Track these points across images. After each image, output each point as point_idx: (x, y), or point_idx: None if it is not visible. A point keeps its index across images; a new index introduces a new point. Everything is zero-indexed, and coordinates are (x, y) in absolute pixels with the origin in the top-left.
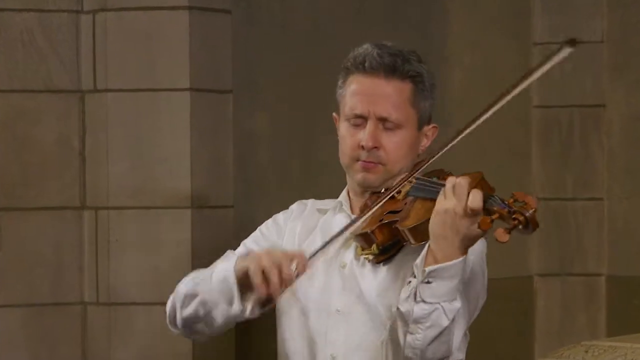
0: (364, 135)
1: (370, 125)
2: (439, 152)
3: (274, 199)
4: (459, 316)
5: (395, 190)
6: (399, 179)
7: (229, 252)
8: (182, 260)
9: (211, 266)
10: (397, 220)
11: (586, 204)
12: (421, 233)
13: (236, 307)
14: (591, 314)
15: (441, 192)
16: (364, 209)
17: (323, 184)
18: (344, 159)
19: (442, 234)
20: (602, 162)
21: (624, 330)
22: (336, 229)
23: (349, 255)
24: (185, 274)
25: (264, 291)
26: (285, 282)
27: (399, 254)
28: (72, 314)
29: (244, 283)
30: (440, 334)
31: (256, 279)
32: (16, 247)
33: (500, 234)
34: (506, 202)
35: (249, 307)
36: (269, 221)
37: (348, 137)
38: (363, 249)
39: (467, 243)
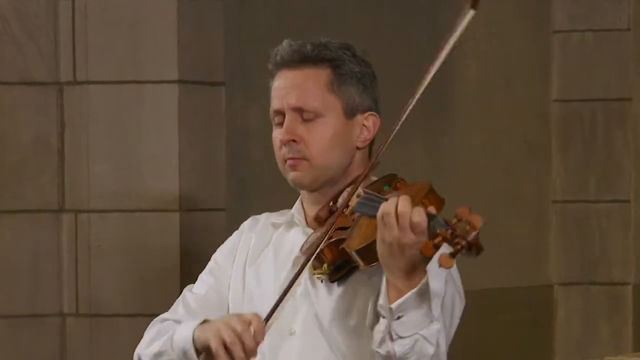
0: (281, 130)
1: (287, 118)
2: (382, 149)
3: (270, 201)
4: (441, 336)
5: (344, 205)
6: (345, 192)
7: (185, 291)
8: (170, 268)
9: (173, 311)
10: (344, 239)
11: (610, 206)
12: (369, 254)
13: None
14: (616, 326)
15: (379, 219)
16: (316, 222)
17: None
18: (279, 164)
19: (391, 263)
20: (627, 161)
21: None
22: (290, 247)
23: (303, 274)
24: (173, 283)
25: None
26: (249, 354)
27: (354, 271)
28: (49, 327)
29: (203, 354)
30: None
31: (220, 355)
32: None
33: (444, 260)
34: (450, 224)
35: None
36: (222, 246)
37: (275, 139)
38: (315, 268)
39: (419, 267)
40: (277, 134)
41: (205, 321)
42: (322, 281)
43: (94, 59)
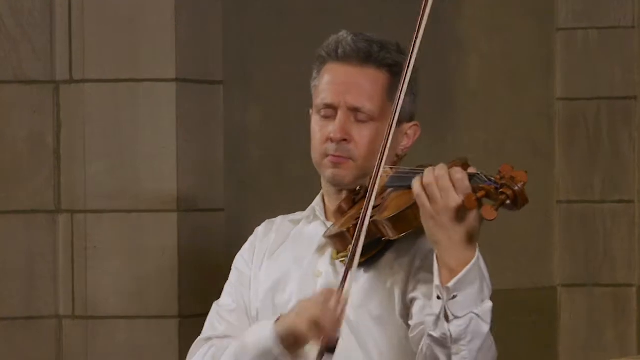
0: (333, 128)
1: (340, 115)
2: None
3: (269, 201)
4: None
5: (373, 186)
6: (374, 172)
7: (216, 307)
8: (168, 269)
9: (212, 330)
10: (374, 216)
11: (615, 207)
12: (401, 222)
13: None
14: (621, 328)
15: (419, 194)
16: (339, 213)
17: (321, 183)
18: (314, 156)
19: (443, 238)
20: (633, 161)
21: None
22: (309, 238)
23: (324, 262)
24: (170, 285)
25: (326, 341)
26: (338, 323)
27: (380, 257)
28: (45, 329)
29: (288, 347)
30: (484, 340)
31: (311, 333)
32: None
33: (487, 211)
34: (492, 179)
35: None
36: (238, 255)
37: (318, 131)
38: (338, 252)
39: (471, 236)
40: (323, 128)
41: (278, 318)
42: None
43: (91, 57)
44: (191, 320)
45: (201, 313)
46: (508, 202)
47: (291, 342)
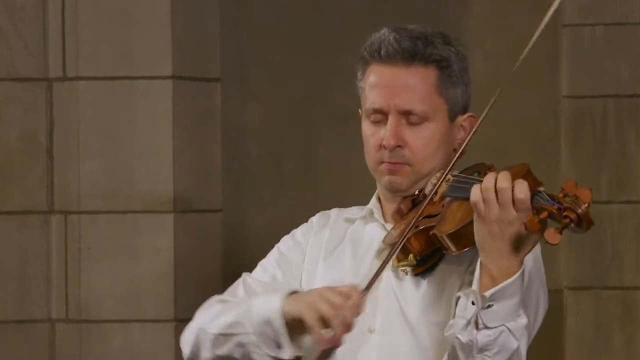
0: (385, 133)
1: (391, 121)
2: (466, 139)
3: (267, 202)
4: (525, 332)
5: (432, 193)
6: (434, 178)
7: (245, 276)
8: (164, 271)
9: (231, 294)
10: (434, 226)
11: (623, 207)
12: (462, 239)
13: (288, 352)
14: (628, 332)
15: (477, 197)
16: (397, 215)
17: (323, 185)
18: (368, 162)
19: (491, 246)
20: None
21: None
22: (368, 241)
23: (387, 267)
24: (167, 288)
25: (327, 344)
26: (348, 328)
27: (440, 263)
28: (38, 333)
29: (291, 327)
30: (511, 356)
31: (316, 329)
32: None
33: (551, 234)
34: (555, 198)
35: (301, 352)
36: (287, 238)
37: (370, 137)
38: (399, 260)
39: (521, 250)
40: (375, 134)
41: (293, 292)
42: (407, 273)
43: (85, 54)
44: (187, 324)
45: None
46: (572, 225)
47: (295, 324)
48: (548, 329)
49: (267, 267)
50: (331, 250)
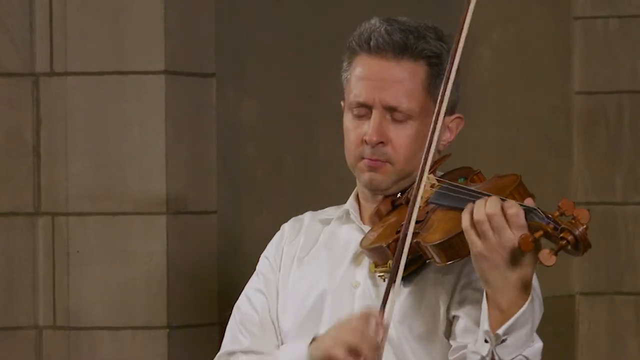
0: (367, 128)
1: (375, 116)
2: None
3: (264, 203)
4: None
5: (416, 197)
6: (417, 181)
7: (238, 316)
8: (156, 275)
9: (234, 340)
10: (418, 233)
11: (638, 209)
12: (448, 251)
13: None
14: None
15: (468, 231)
16: (376, 217)
17: (322, 185)
18: (348, 157)
19: (496, 277)
20: None
21: None
22: (344, 244)
23: (361, 272)
24: (159, 293)
25: None
26: (378, 350)
27: (422, 271)
28: (24, 340)
29: None
30: None
31: None
32: None
33: (546, 256)
34: (551, 217)
35: None
36: (262, 256)
37: (351, 131)
38: (376, 266)
39: (527, 277)
40: (357, 128)
41: (314, 339)
42: (384, 280)
43: (73, 48)
44: (181, 331)
45: (192, 323)
46: (569, 247)
47: None
48: (559, 336)
49: (254, 296)
50: (303, 256)
